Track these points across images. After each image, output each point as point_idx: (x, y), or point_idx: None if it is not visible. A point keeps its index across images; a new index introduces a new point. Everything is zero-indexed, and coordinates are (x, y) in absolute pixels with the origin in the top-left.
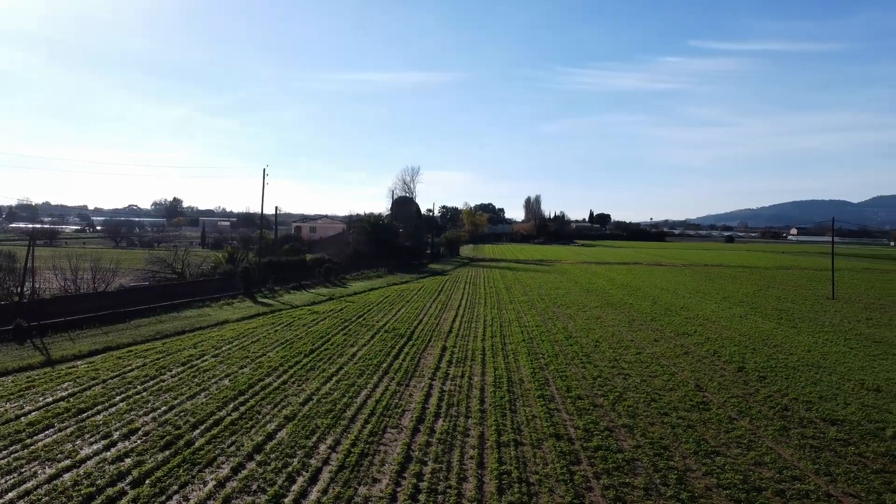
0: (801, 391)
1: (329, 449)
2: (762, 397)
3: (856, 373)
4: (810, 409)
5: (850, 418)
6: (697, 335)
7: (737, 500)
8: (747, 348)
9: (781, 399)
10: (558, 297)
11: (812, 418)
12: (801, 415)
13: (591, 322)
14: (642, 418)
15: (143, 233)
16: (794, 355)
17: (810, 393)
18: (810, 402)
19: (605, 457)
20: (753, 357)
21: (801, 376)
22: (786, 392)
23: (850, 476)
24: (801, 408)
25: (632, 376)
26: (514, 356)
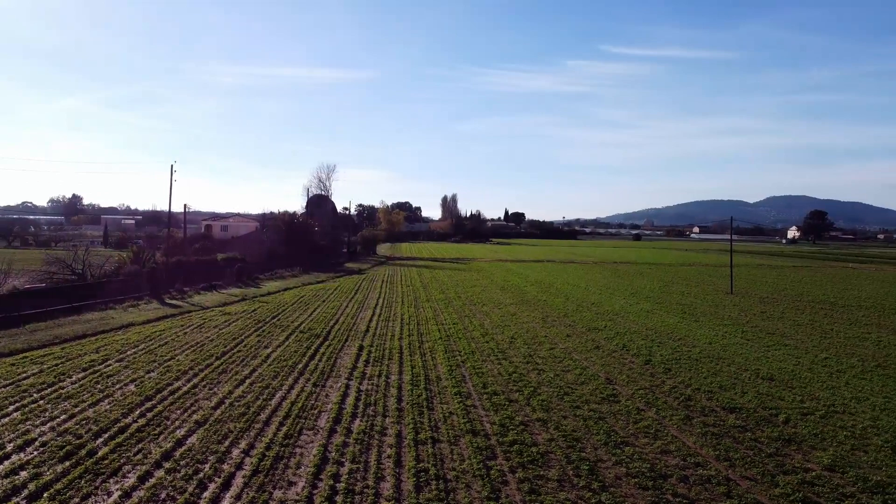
0: (703, 382)
1: (242, 453)
2: (668, 388)
3: (752, 363)
4: (711, 399)
5: (747, 406)
6: (607, 330)
7: (644, 487)
8: (654, 342)
9: (685, 390)
10: (475, 294)
11: (713, 407)
12: (703, 404)
13: (507, 319)
14: (556, 412)
15: (38, 232)
16: (696, 348)
17: (711, 383)
18: (711, 391)
19: (520, 451)
20: (659, 350)
21: (702, 368)
22: (689, 383)
23: (747, 460)
24: (703, 397)
25: (546, 371)
26: (431, 354)
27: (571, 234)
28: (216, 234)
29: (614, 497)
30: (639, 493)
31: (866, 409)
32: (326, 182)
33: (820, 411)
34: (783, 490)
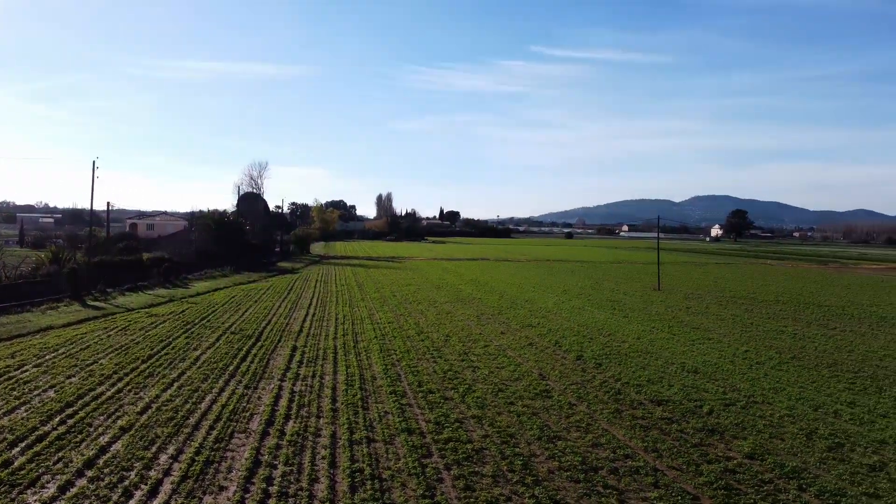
0: (632, 376)
1: (171, 459)
2: (598, 383)
3: (678, 357)
4: (640, 392)
5: (673, 398)
6: (540, 327)
7: (576, 480)
8: (585, 338)
9: (615, 384)
10: (410, 293)
11: (641, 400)
12: (632, 397)
13: (442, 317)
14: (490, 408)
15: None
16: (625, 343)
17: (640, 377)
18: (640, 385)
19: (455, 448)
20: (590, 346)
21: (631, 362)
22: (619, 377)
23: (674, 451)
24: (632, 391)
25: (480, 368)
26: (366, 354)
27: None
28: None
29: (547, 491)
30: (571, 486)
31: (783, 399)
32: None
33: (741, 402)
34: (707, 478)
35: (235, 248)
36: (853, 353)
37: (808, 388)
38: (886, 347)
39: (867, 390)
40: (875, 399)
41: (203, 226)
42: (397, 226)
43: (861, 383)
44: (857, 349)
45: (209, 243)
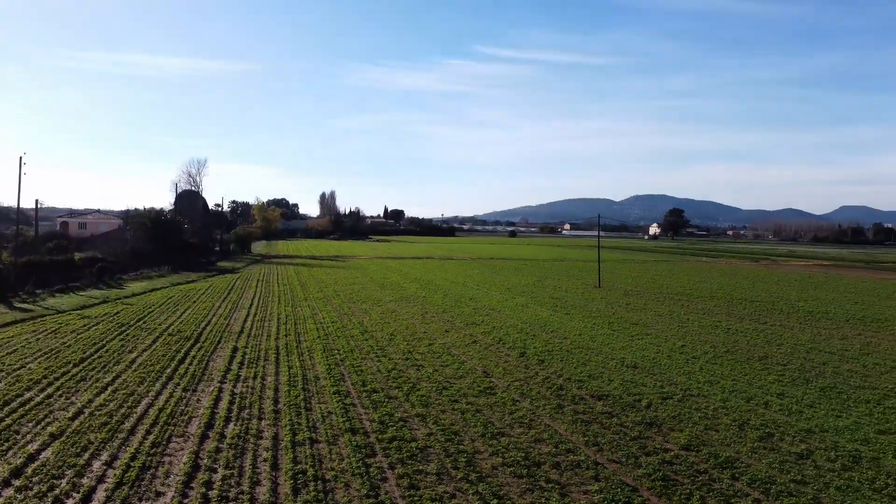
0: (573, 371)
1: (105, 465)
2: (541, 379)
3: (618, 352)
4: (581, 388)
5: (613, 393)
6: (484, 324)
7: (519, 475)
8: (528, 335)
9: (557, 380)
10: (354, 292)
11: (583, 395)
12: (573, 393)
13: (387, 316)
14: (434, 406)
15: None
16: (567, 339)
17: (581, 373)
18: (581, 380)
19: (399, 447)
20: (533, 343)
21: (573, 358)
22: (561, 373)
23: (614, 444)
24: (574, 386)
25: (425, 367)
26: (309, 354)
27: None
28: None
29: (491, 487)
30: (514, 482)
31: (717, 392)
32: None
33: (678, 395)
34: (645, 470)
35: (173, 247)
36: (782, 346)
37: (740, 380)
38: (813, 341)
39: (795, 382)
40: (802, 390)
41: (139, 224)
42: (341, 224)
43: (790, 375)
44: (786, 342)
45: (145, 243)
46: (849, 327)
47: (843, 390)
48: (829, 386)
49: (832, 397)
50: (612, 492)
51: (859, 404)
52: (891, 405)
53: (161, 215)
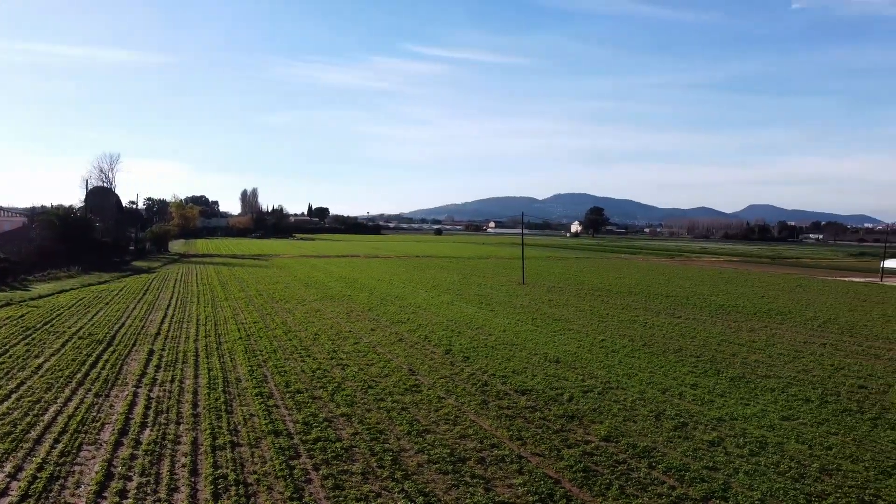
0: (498, 367)
1: (8, 477)
2: (466, 376)
3: (541, 347)
4: (505, 383)
5: (536, 387)
6: (410, 322)
7: (445, 472)
8: (454, 332)
9: (482, 376)
10: (277, 291)
11: (507, 391)
12: (498, 388)
13: (311, 315)
14: (360, 406)
15: None
16: (492, 336)
17: (505, 368)
18: (505, 376)
19: (324, 447)
20: (459, 340)
21: (498, 354)
22: (486, 369)
23: (537, 437)
24: (498, 382)
25: (350, 366)
26: (230, 355)
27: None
28: None
29: (416, 484)
30: (440, 478)
31: (635, 384)
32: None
33: (598, 388)
34: (567, 462)
35: (84, 246)
36: (695, 339)
37: (657, 372)
38: (723, 333)
39: (707, 373)
40: (714, 380)
41: (46, 222)
42: (263, 222)
43: (702, 366)
44: (699, 335)
45: (53, 241)
46: (756, 320)
47: (751, 380)
48: (739, 376)
49: (741, 387)
50: (535, 484)
51: (765, 392)
52: (793, 393)
53: (71, 213)
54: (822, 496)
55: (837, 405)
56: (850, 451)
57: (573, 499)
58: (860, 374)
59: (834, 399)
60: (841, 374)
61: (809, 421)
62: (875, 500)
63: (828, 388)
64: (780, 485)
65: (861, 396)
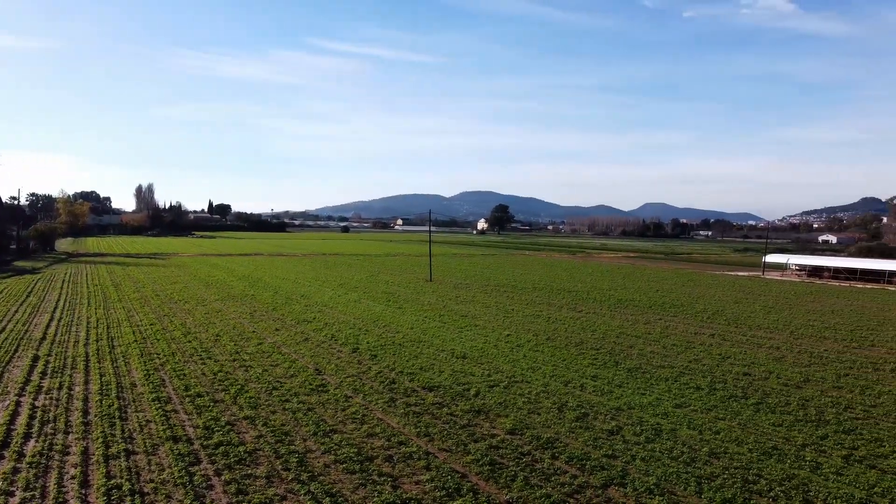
0: (405, 365)
1: None
2: (374, 374)
3: (448, 344)
4: (413, 380)
5: (443, 384)
6: (317, 321)
7: (352, 471)
8: (361, 330)
9: (390, 374)
10: (175, 292)
11: (414, 388)
12: (405, 386)
13: (212, 316)
14: (264, 408)
15: None
16: (399, 333)
17: (413, 365)
18: (413, 373)
19: (226, 452)
20: (366, 338)
21: (405, 351)
22: (393, 367)
23: (444, 433)
24: (406, 379)
25: (254, 367)
26: (124, 359)
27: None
28: None
29: (323, 485)
30: (347, 478)
31: (539, 377)
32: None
33: (503, 382)
34: (474, 456)
35: None
36: (596, 332)
37: (559, 365)
38: (622, 326)
39: (607, 364)
40: (613, 371)
41: None
42: (160, 220)
43: (602, 358)
44: (599, 329)
45: None
46: (651, 313)
47: (647, 370)
48: (636, 367)
49: (638, 377)
50: (442, 479)
51: (660, 382)
52: (685, 381)
53: None
54: (711, 478)
55: (724, 392)
56: (736, 435)
57: (479, 492)
58: (744, 363)
59: (721, 386)
60: (727, 363)
61: (700, 408)
62: (758, 479)
63: (716, 376)
64: (674, 469)
65: (745, 383)
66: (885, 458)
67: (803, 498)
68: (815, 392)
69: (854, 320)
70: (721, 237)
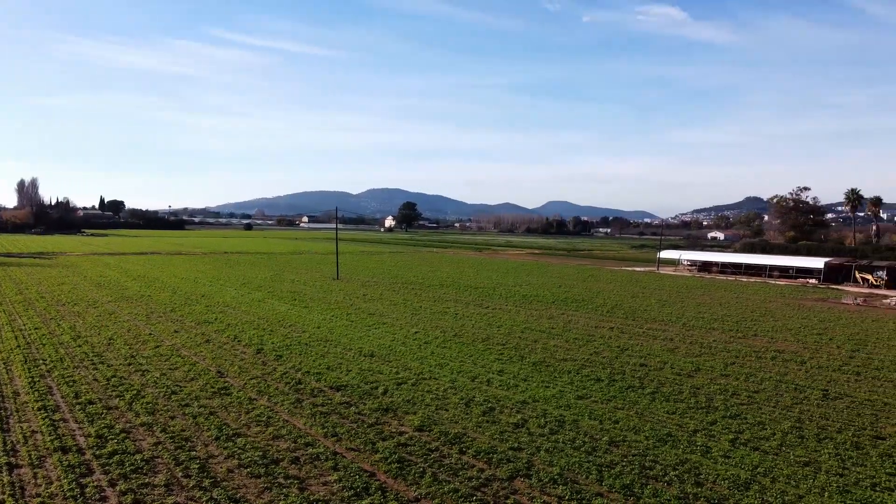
0: (312, 364)
1: None
2: (279, 375)
3: (356, 342)
4: (320, 380)
5: (351, 382)
6: (218, 322)
7: (257, 475)
8: (265, 330)
9: (296, 374)
10: (63, 293)
11: (321, 388)
12: (312, 386)
13: (104, 318)
14: (163, 413)
15: None
16: (305, 333)
17: (320, 365)
18: (320, 373)
19: (121, 461)
20: (271, 338)
21: (312, 351)
22: (300, 367)
23: (352, 433)
24: (313, 379)
25: (151, 371)
26: (5, 366)
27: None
28: None
29: (226, 491)
30: (251, 483)
31: (447, 374)
32: None
33: (412, 380)
34: (382, 455)
35: None
36: (502, 327)
37: (467, 361)
38: (527, 321)
39: (512, 359)
40: (518, 366)
41: None
42: (46, 217)
43: (508, 353)
44: (505, 324)
45: None
46: (555, 308)
47: (551, 363)
48: (540, 360)
49: (542, 370)
50: (350, 479)
51: (563, 375)
52: (587, 373)
53: None
54: (611, 466)
55: (623, 383)
56: (634, 423)
57: (388, 490)
58: (641, 354)
59: (620, 377)
60: (626, 355)
61: (600, 398)
62: (654, 465)
63: (615, 367)
64: (576, 459)
65: (642, 374)
66: (766, 441)
67: (695, 481)
68: (705, 380)
69: (739, 312)
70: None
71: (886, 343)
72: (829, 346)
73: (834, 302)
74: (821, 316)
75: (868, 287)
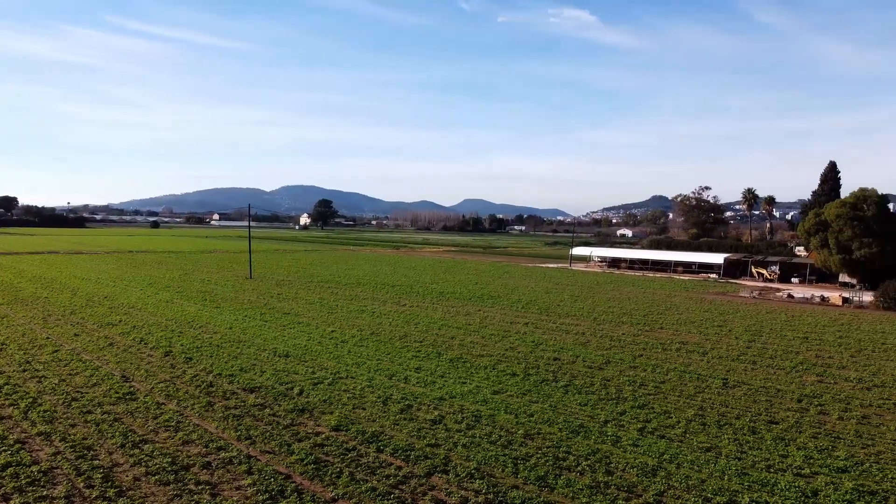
0: (224, 366)
1: None
2: (189, 378)
3: (270, 343)
4: (233, 382)
5: (265, 384)
6: (123, 324)
7: (166, 483)
8: (174, 332)
9: (207, 377)
10: None
11: (234, 390)
12: (224, 388)
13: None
14: (62, 422)
15: None
16: (217, 334)
17: (233, 367)
18: (233, 375)
19: (16, 473)
20: (180, 340)
21: (224, 352)
22: (211, 369)
23: (266, 435)
24: (225, 382)
25: (48, 378)
26: None
27: (79, 222)
28: None
29: (132, 501)
30: (160, 491)
31: (364, 372)
32: None
33: (328, 379)
34: (298, 456)
35: None
36: (419, 325)
37: (384, 359)
38: (444, 318)
39: (429, 356)
40: (436, 363)
41: None
42: None
43: (425, 350)
44: (422, 321)
45: None
46: (471, 304)
47: (468, 359)
48: (457, 357)
49: (459, 367)
50: (265, 483)
51: (479, 370)
52: (502, 368)
53: None
54: (526, 458)
55: (537, 377)
56: (548, 416)
57: (304, 492)
58: (555, 348)
59: (535, 371)
60: (540, 349)
61: (515, 392)
62: (567, 456)
63: (530, 362)
64: (493, 452)
65: (556, 367)
66: (672, 429)
67: (606, 469)
68: (615, 372)
69: (646, 306)
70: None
71: (779, 333)
72: (729, 337)
73: (732, 295)
74: (721, 309)
75: (763, 281)
